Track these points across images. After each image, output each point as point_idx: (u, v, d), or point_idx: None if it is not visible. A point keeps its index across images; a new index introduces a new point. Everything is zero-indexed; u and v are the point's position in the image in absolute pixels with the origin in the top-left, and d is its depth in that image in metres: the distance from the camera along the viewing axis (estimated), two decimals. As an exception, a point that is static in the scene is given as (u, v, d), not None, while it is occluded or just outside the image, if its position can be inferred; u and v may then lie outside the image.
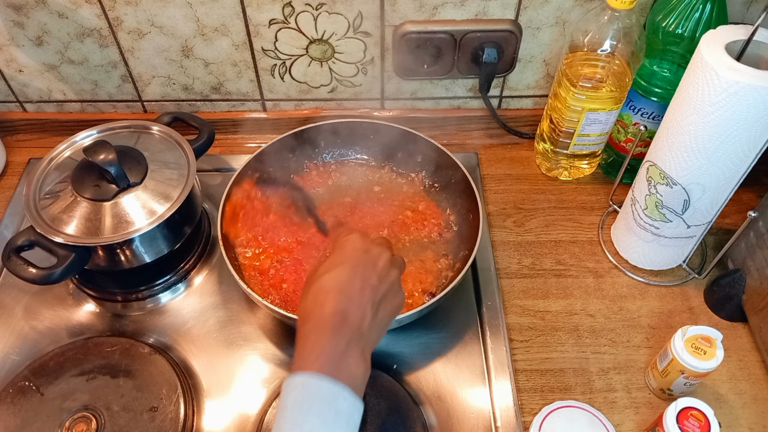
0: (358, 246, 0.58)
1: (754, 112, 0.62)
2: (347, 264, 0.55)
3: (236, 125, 0.98)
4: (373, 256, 0.57)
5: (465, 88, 0.95)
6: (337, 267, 0.55)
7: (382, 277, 0.56)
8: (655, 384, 0.72)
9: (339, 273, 0.55)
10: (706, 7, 0.72)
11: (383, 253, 0.58)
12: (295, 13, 0.83)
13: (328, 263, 0.56)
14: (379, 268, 0.56)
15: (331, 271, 0.55)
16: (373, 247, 0.58)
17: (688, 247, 0.81)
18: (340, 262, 0.56)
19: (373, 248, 0.58)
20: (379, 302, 0.55)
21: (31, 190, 0.76)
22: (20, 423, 0.68)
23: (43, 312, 0.80)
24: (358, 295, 0.54)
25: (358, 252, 0.57)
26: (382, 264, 0.57)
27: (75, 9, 0.83)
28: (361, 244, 0.58)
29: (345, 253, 0.57)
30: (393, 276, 0.57)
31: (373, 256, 0.57)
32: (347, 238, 0.59)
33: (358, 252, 0.57)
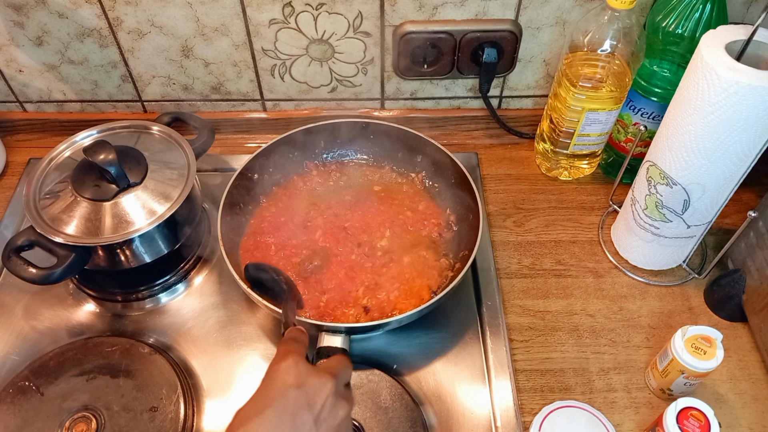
0: (289, 380, 0.47)
1: (754, 112, 0.62)
2: (270, 410, 0.45)
3: (236, 125, 0.98)
4: (309, 393, 0.46)
5: (465, 88, 0.95)
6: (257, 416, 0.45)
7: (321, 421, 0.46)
8: (655, 384, 0.72)
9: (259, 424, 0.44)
10: (706, 7, 0.72)
11: (324, 387, 0.47)
12: (295, 13, 0.83)
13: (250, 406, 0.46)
14: (316, 410, 0.46)
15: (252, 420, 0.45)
16: (310, 378, 0.47)
17: (688, 247, 0.81)
18: (262, 407, 0.45)
19: (310, 380, 0.47)
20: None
21: (31, 190, 0.76)
22: (20, 423, 0.68)
23: (43, 312, 0.80)
24: None
25: (288, 389, 0.46)
26: (321, 403, 0.46)
27: (75, 9, 0.83)
28: (293, 376, 0.47)
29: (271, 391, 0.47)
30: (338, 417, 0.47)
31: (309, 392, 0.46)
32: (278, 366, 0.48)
33: (288, 389, 0.46)
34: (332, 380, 0.48)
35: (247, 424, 0.44)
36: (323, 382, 0.47)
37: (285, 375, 0.47)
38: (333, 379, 0.48)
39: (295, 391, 0.46)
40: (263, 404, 0.46)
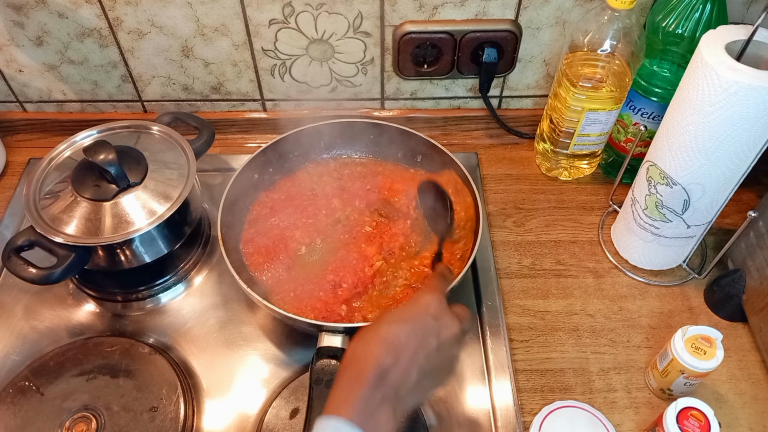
0: (431, 309, 0.57)
1: (754, 112, 0.62)
2: (411, 323, 0.55)
3: (236, 125, 0.98)
4: (441, 325, 0.56)
5: (465, 88, 0.95)
6: (401, 323, 0.55)
7: (441, 349, 0.55)
8: (655, 384, 0.72)
9: (398, 329, 0.54)
10: (706, 7, 0.72)
11: (453, 326, 0.57)
12: (295, 13, 0.83)
13: (395, 314, 0.56)
14: (441, 338, 0.55)
15: (393, 323, 0.55)
16: (446, 316, 0.57)
17: (688, 247, 0.81)
18: (404, 319, 0.55)
19: (445, 318, 0.57)
20: (428, 370, 0.54)
21: (31, 190, 0.76)
22: (20, 423, 0.68)
23: (43, 312, 0.80)
24: (407, 357, 0.53)
25: (429, 316, 0.56)
26: (447, 336, 0.56)
27: (75, 9, 0.83)
28: (435, 308, 0.57)
29: (415, 311, 0.57)
30: (452, 352, 0.57)
31: (442, 325, 0.56)
32: (426, 296, 0.58)
33: (428, 315, 0.56)
34: (459, 325, 0.58)
35: (393, 325, 0.54)
36: (453, 323, 0.57)
37: (429, 304, 0.57)
38: (460, 324, 0.58)
39: (432, 320, 0.56)
40: (407, 317, 0.56)
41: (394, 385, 0.52)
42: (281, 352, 0.76)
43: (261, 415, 0.71)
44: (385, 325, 0.55)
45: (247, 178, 0.84)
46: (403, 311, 0.57)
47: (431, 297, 0.58)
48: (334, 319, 0.74)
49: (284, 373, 0.74)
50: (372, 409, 0.51)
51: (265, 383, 0.74)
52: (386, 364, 0.52)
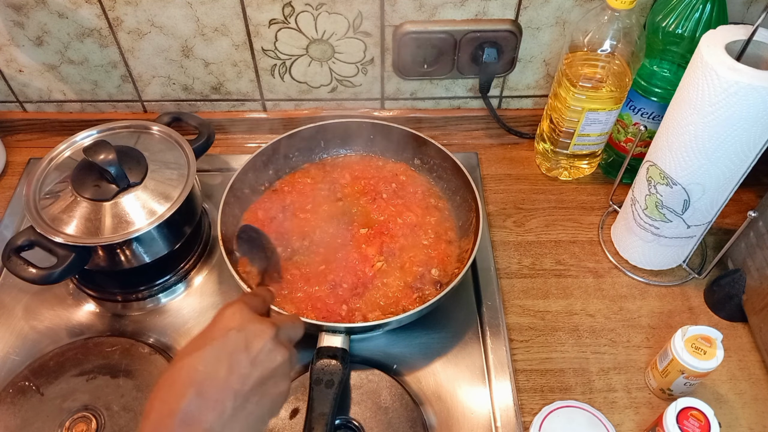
0: (231, 323, 0.49)
1: (754, 112, 0.62)
2: (210, 347, 0.47)
3: (236, 125, 0.98)
4: (248, 336, 0.48)
5: (465, 88, 0.95)
6: (197, 350, 0.47)
7: (257, 363, 0.48)
8: (655, 384, 0.72)
9: (197, 359, 0.47)
10: (706, 7, 0.72)
11: (263, 333, 0.49)
12: (295, 13, 0.83)
13: (192, 344, 0.49)
14: (253, 352, 0.48)
15: (191, 354, 0.47)
16: (252, 324, 0.49)
17: (688, 247, 0.81)
18: (201, 344, 0.48)
19: (251, 325, 0.49)
20: (247, 393, 0.47)
21: (31, 190, 0.76)
22: (20, 423, 0.68)
23: (43, 312, 0.80)
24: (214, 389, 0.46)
25: (229, 330, 0.49)
26: (259, 346, 0.48)
27: (75, 9, 0.83)
28: (237, 320, 0.50)
29: (213, 331, 0.49)
30: (274, 361, 0.49)
31: (248, 335, 0.49)
32: (224, 310, 0.51)
33: (229, 331, 0.49)
34: (272, 328, 0.50)
35: (187, 358, 0.47)
36: (263, 329, 0.50)
37: (229, 318, 0.50)
38: (273, 327, 0.50)
39: (235, 333, 0.48)
40: (204, 342, 0.48)
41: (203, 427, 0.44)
42: (281, 352, 0.76)
43: (261, 415, 0.71)
44: (178, 361, 0.47)
45: (247, 179, 0.84)
46: (200, 336, 0.49)
47: (230, 309, 0.51)
48: (334, 319, 0.74)
49: (284, 373, 0.74)
50: None
51: (265, 383, 0.74)
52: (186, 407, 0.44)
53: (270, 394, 0.49)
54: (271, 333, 0.50)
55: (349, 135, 0.90)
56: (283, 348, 0.50)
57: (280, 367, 0.50)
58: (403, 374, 0.74)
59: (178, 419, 0.44)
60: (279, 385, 0.50)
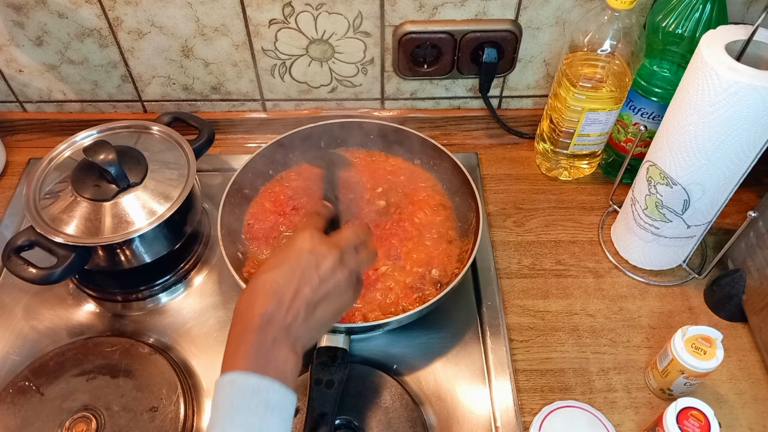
0: (304, 246, 0.58)
1: (754, 112, 0.62)
2: (286, 265, 0.56)
3: (236, 125, 0.98)
4: (318, 257, 0.57)
5: (465, 88, 0.95)
6: (276, 268, 0.56)
7: (324, 279, 0.56)
8: (655, 384, 0.72)
9: (275, 274, 0.55)
10: (706, 7, 0.72)
11: (330, 253, 0.58)
12: (295, 13, 0.83)
13: (270, 262, 0.57)
14: (321, 270, 0.56)
15: (269, 271, 0.56)
16: (321, 246, 0.58)
17: (688, 247, 0.81)
18: (279, 263, 0.57)
19: (320, 247, 0.58)
20: (316, 303, 0.56)
21: (31, 190, 0.76)
22: (20, 423, 0.68)
23: (43, 312, 0.80)
24: (290, 297, 0.54)
25: (302, 252, 0.57)
26: (327, 265, 0.57)
27: (75, 9, 0.83)
28: (308, 243, 0.58)
29: (288, 252, 0.58)
30: (338, 277, 0.58)
31: (318, 256, 0.57)
32: (299, 234, 0.59)
33: (302, 252, 0.57)
34: (337, 251, 0.58)
35: (268, 272, 0.56)
36: (329, 249, 0.58)
37: (302, 241, 0.58)
38: (338, 251, 0.58)
39: (307, 254, 0.57)
40: (281, 260, 0.57)
41: (283, 325, 0.53)
42: (281, 352, 0.76)
43: (261, 415, 0.71)
44: (261, 275, 0.56)
45: (247, 178, 0.84)
46: (277, 257, 0.58)
47: (302, 234, 0.59)
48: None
49: (284, 373, 0.74)
50: (265, 352, 0.52)
51: (265, 383, 0.74)
52: (270, 310, 0.53)
53: (335, 303, 0.58)
54: (335, 255, 0.58)
55: (349, 135, 0.90)
56: (345, 268, 0.58)
57: (341, 282, 0.58)
58: (403, 374, 0.74)
59: (263, 319, 0.53)
60: (342, 295, 0.59)
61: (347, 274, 0.59)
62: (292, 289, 0.55)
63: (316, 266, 0.56)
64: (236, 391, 0.50)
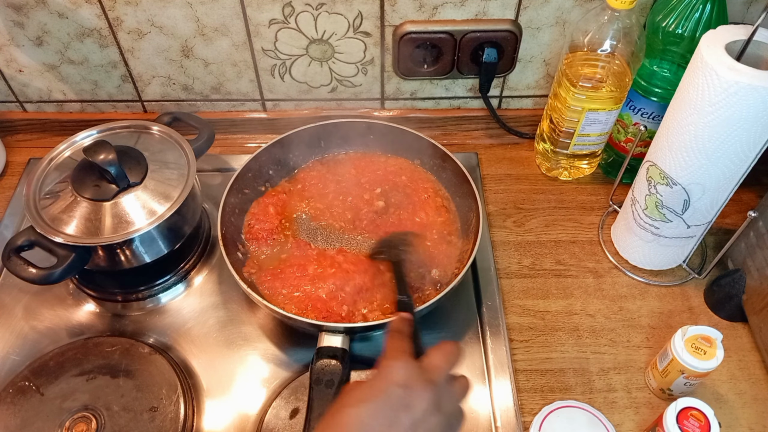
0: (397, 379, 0.51)
1: (754, 112, 0.62)
2: (376, 402, 0.49)
3: (236, 125, 0.98)
4: (412, 396, 0.50)
5: (465, 88, 0.95)
6: (364, 403, 0.49)
7: (417, 423, 0.49)
8: (655, 384, 0.72)
9: (363, 411, 0.49)
10: (706, 7, 0.72)
11: (425, 393, 0.50)
12: (295, 13, 0.83)
13: (358, 394, 0.50)
14: (415, 412, 0.49)
15: (357, 406, 0.49)
16: (416, 383, 0.51)
17: (688, 247, 0.81)
18: (368, 397, 0.50)
19: (416, 385, 0.50)
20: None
21: (31, 190, 0.76)
22: (20, 423, 0.68)
23: (43, 312, 0.80)
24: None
25: (394, 386, 0.50)
26: (422, 408, 0.50)
27: (75, 9, 0.83)
28: (402, 377, 0.51)
29: (379, 385, 0.51)
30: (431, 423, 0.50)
31: (413, 396, 0.50)
32: (389, 364, 0.52)
33: (393, 386, 0.50)
34: (433, 387, 0.51)
35: (355, 407, 0.49)
36: (425, 388, 0.51)
37: (395, 374, 0.51)
38: (434, 386, 0.51)
39: (401, 391, 0.50)
40: (370, 394, 0.50)
41: None
42: (281, 352, 0.76)
43: (261, 415, 0.71)
44: (346, 409, 0.49)
45: (247, 179, 0.84)
46: (366, 387, 0.51)
47: (394, 363, 0.52)
48: (335, 319, 0.74)
49: (284, 373, 0.74)
50: None
51: (265, 383, 0.74)
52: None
53: None
54: (431, 395, 0.51)
55: (349, 135, 0.90)
56: (440, 413, 0.51)
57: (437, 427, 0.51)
58: (403, 374, 0.74)
59: None
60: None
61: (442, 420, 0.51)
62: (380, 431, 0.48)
63: (408, 407, 0.49)
64: None
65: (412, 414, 0.49)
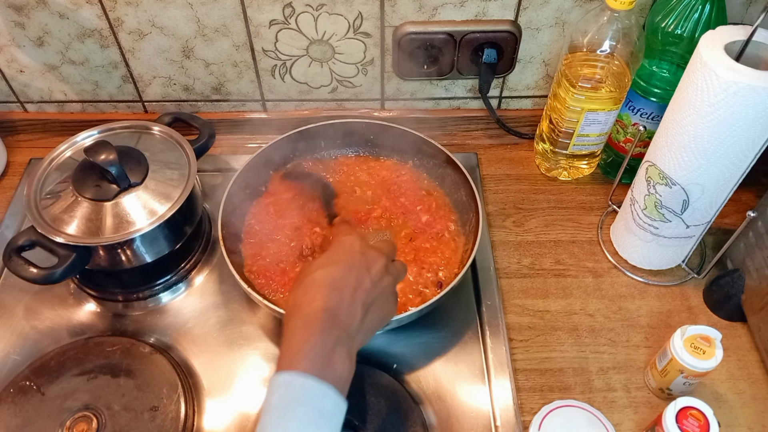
0: (355, 247, 0.58)
1: (753, 112, 0.62)
2: (342, 263, 0.56)
3: (237, 126, 0.98)
4: (369, 260, 0.57)
5: (465, 88, 0.95)
6: (332, 265, 0.56)
7: (375, 282, 0.56)
8: (654, 383, 0.72)
9: (333, 270, 0.55)
10: (705, 7, 0.73)
11: (379, 258, 0.58)
12: (296, 14, 0.83)
13: (323, 259, 0.57)
14: (372, 272, 0.57)
15: (325, 267, 0.55)
16: (370, 250, 0.59)
17: (688, 247, 0.81)
18: (334, 261, 0.57)
19: (370, 252, 0.58)
20: (369, 305, 0.55)
21: (32, 190, 0.76)
22: (21, 423, 0.69)
23: (44, 312, 0.80)
24: (349, 295, 0.54)
25: (355, 253, 0.57)
26: (377, 269, 0.57)
27: (76, 10, 0.83)
28: (359, 245, 0.58)
29: (341, 252, 0.58)
30: (385, 282, 0.58)
31: (369, 259, 0.57)
32: (346, 238, 0.60)
33: (354, 253, 0.57)
34: (384, 257, 0.59)
35: (325, 268, 0.55)
36: (379, 255, 0.59)
37: (352, 243, 0.59)
38: (384, 256, 0.59)
39: (360, 256, 0.57)
40: (334, 260, 0.57)
41: (344, 324, 0.52)
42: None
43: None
44: (318, 270, 0.55)
45: (247, 179, 0.84)
46: (331, 254, 0.58)
47: (351, 237, 0.60)
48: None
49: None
50: (327, 355, 0.50)
51: (265, 383, 0.74)
52: (333, 305, 0.52)
53: (383, 309, 0.58)
54: (383, 261, 0.58)
55: (349, 135, 0.90)
56: (389, 275, 0.59)
57: (389, 287, 0.58)
58: (403, 374, 0.74)
59: (327, 314, 0.52)
60: (388, 301, 0.59)
61: (392, 281, 0.59)
62: (351, 287, 0.54)
63: (368, 269, 0.56)
64: (291, 394, 0.48)
65: (370, 274, 0.56)
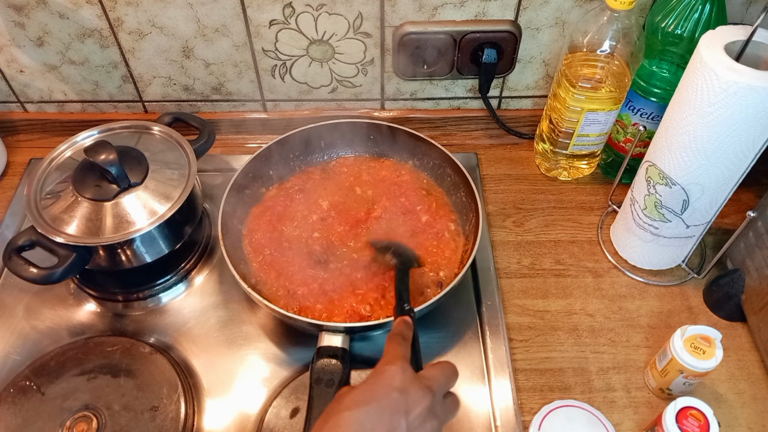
0: (394, 383, 0.51)
1: (753, 112, 0.62)
2: (375, 403, 0.50)
3: (237, 125, 0.98)
4: (409, 400, 0.51)
5: (465, 88, 0.95)
6: (363, 405, 0.50)
7: (413, 428, 0.50)
8: (654, 383, 0.72)
9: (362, 414, 0.49)
10: (705, 7, 0.73)
11: (423, 399, 0.51)
12: (296, 14, 0.83)
13: (355, 396, 0.51)
14: (411, 416, 0.50)
15: (354, 409, 0.50)
16: (413, 387, 0.52)
17: (688, 247, 0.81)
18: (367, 399, 0.50)
19: (413, 389, 0.51)
20: None
21: (32, 190, 0.76)
22: (21, 422, 0.69)
23: (44, 312, 0.80)
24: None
25: (392, 390, 0.51)
26: (418, 412, 0.50)
27: (76, 9, 0.83)
28: (399, 381, 0.52)
29: (377, 388, 0.51)
30: (427, 429, 0.51)
31: (409, 399, 0.51)
32: (387, 368, 0.53)
33: (391, 390, 0.51)
34: (431, 395, 0.52)
35: (353, 410, 0.49)
36: (423, 395, 0.52)
37: (392, 377, 0.52)
38: (432, 394, 0.52)
39: (398, 395, 0.51)
40: (369, 397, 0.51)
41: None
42: (282, 351, 0.76)
43: (261, 414, 0.71)
44: (346, 411, 0.49)
45: (247, 179, 0.84)
46: (364, 390, 0.51)
47: (393, 368, 0.53)
48: (335, 318, 0.74)
49: (285, 372, 0.75)
50: None
51: (265, 382, 0.74)
52: None
53: None
54: (428, 402, 0.52)
55: (349, 135, 0.90)
56: (435, 419, 0.52)
57: None
58: (403, 374, 0.74)
59: None
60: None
61: (436, 426, 0.52)
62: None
63: (406, 411, 0.50)
64: None
65: (408, 418, 0.50)
